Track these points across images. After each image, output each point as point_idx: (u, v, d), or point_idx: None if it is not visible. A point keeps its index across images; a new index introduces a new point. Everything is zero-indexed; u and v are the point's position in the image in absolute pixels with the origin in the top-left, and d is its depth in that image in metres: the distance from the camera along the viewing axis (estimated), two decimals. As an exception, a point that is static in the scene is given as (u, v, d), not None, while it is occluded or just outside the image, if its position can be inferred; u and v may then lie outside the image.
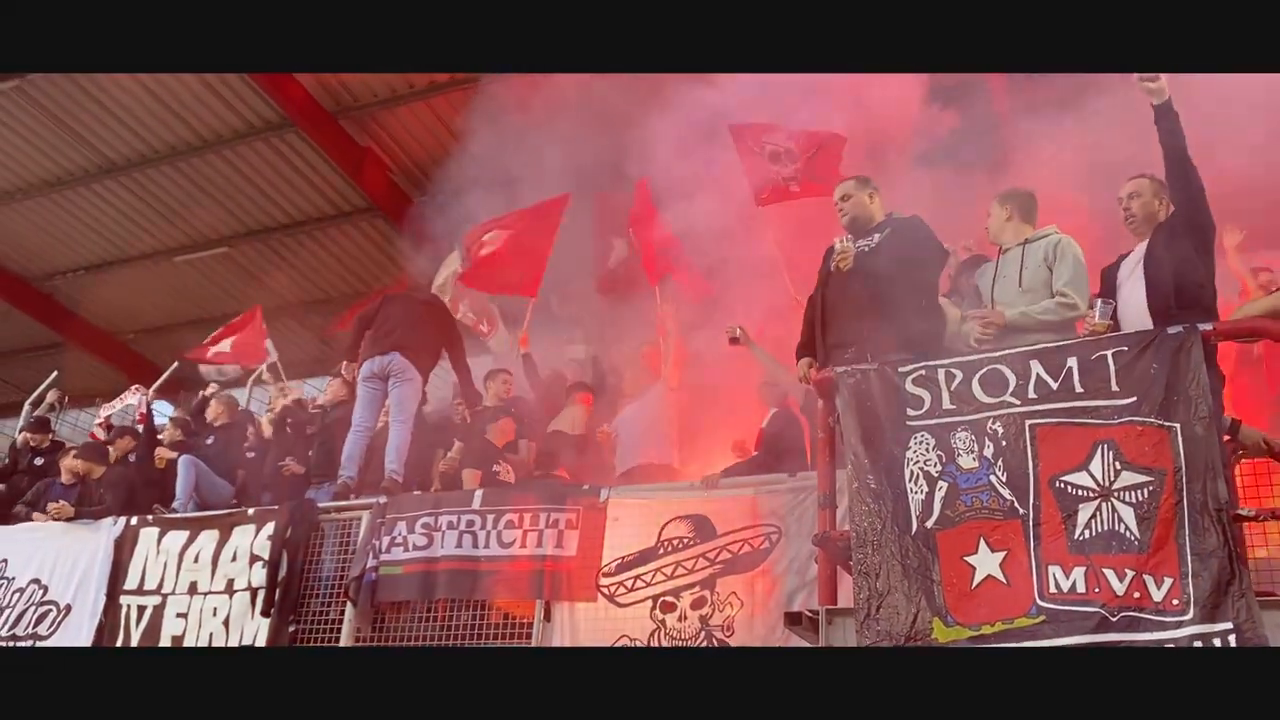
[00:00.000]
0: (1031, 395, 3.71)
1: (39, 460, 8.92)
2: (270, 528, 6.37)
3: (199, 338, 11.19)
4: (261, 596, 6.16)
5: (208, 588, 6.43)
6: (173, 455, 8.07)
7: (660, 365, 7.66)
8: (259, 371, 10.45)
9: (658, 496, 5.62)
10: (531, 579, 5.59)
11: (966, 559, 3.56)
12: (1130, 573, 3.33)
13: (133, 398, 11.55)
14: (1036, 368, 3.74)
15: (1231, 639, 3.15)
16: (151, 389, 10.90)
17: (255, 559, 6.32)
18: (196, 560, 6.55)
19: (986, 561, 3.54)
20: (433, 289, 8.69)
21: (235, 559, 6.42)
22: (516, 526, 5.72)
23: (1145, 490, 3.41)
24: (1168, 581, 3.29)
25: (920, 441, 3.80)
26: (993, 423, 3.71)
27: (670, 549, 5.34)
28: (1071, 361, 3.71)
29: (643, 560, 5.38)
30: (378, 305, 7.43)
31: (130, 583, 6.75)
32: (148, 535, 6.86)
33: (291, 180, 12.77)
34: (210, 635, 6.29)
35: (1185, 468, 3.39)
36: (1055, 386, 3.68)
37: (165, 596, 6.57)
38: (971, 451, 3.70)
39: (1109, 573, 3.35)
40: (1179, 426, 3.45)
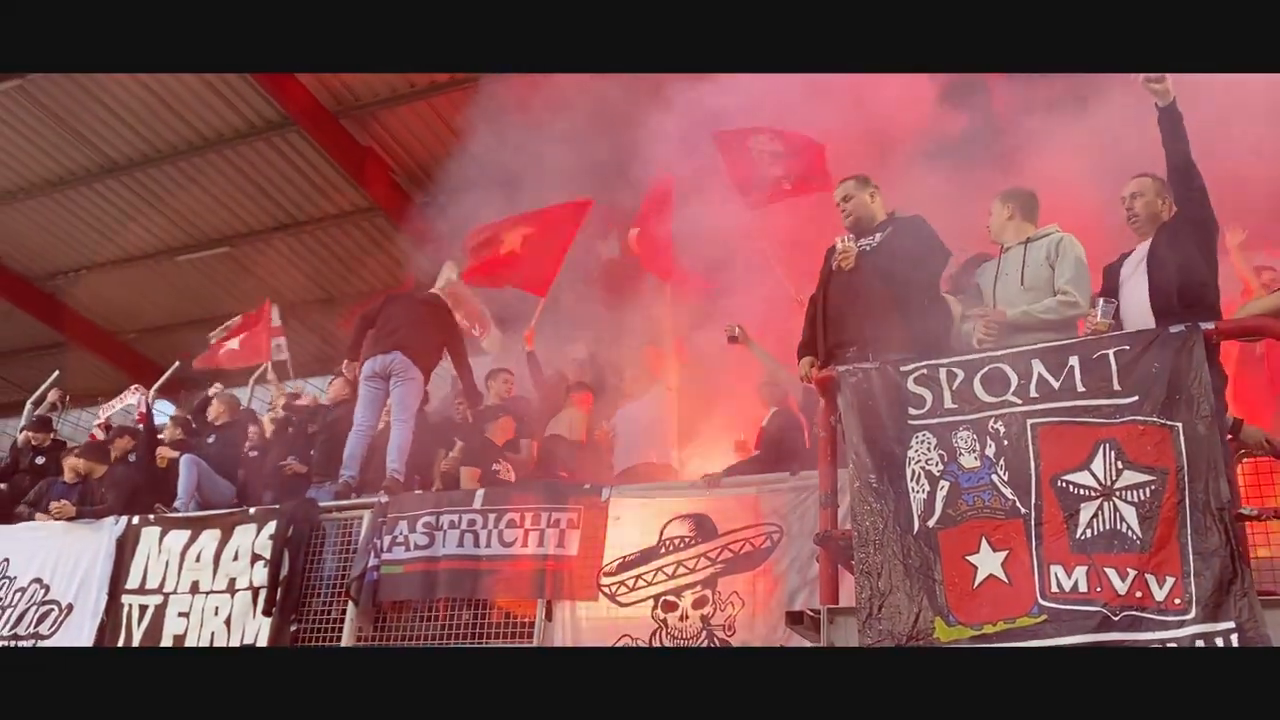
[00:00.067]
0: (1033, 394, 3.70)
1: (40, 459, 8.93)
2: (272, 527, 6.37)
3: (201, 337, 11.19)
4: (263, 596, 6.16)
5: (209, 587, 6.44)
6: (174, 454, 8.08)
7: (661, 365, 7.65)
8: (261, 370, 10.46)
9: (659, 496, 5.61)
10: (533, 578, 5.59)
11: (968, 558, 3.56)
12: (1132, 572, 3.32)
13: (132, 398, 11.55)
14: (1038, 367, 3.73)
15: (1234, 638, 3.14)
16: (153, 388, 10.92)
17: (257, 558, 6.33)
18: (198, 559, 6.56)
19: (988, 561, 3.53)
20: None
21: (237, 558, 6.42)
22: (518, 526, 5.72)
23: (1147, 489, 3.40)
24: (1170, 581, 3.28)
25: (922, 440, 3.79)
26: (994, 422, 3.70)
27: (672, 548, 5.34)
28: (1073, 360, 3.69)
29: (644, 559, 5.38)
30: (380, 304, 7.45)
31: (132, 582, 6.76)
32: (149, 534, 6.86)
33: (293, 180, 12.77)
34: (212, 634, 6.29)
35: (1187, 467, 3.37)
36: (1057, 385, 3.67)
37: (167, 596, 6.58)
38: (973, 451, 3.70)
39: (1111, 572, 3.34)
40: (1181, 426, 3.43)
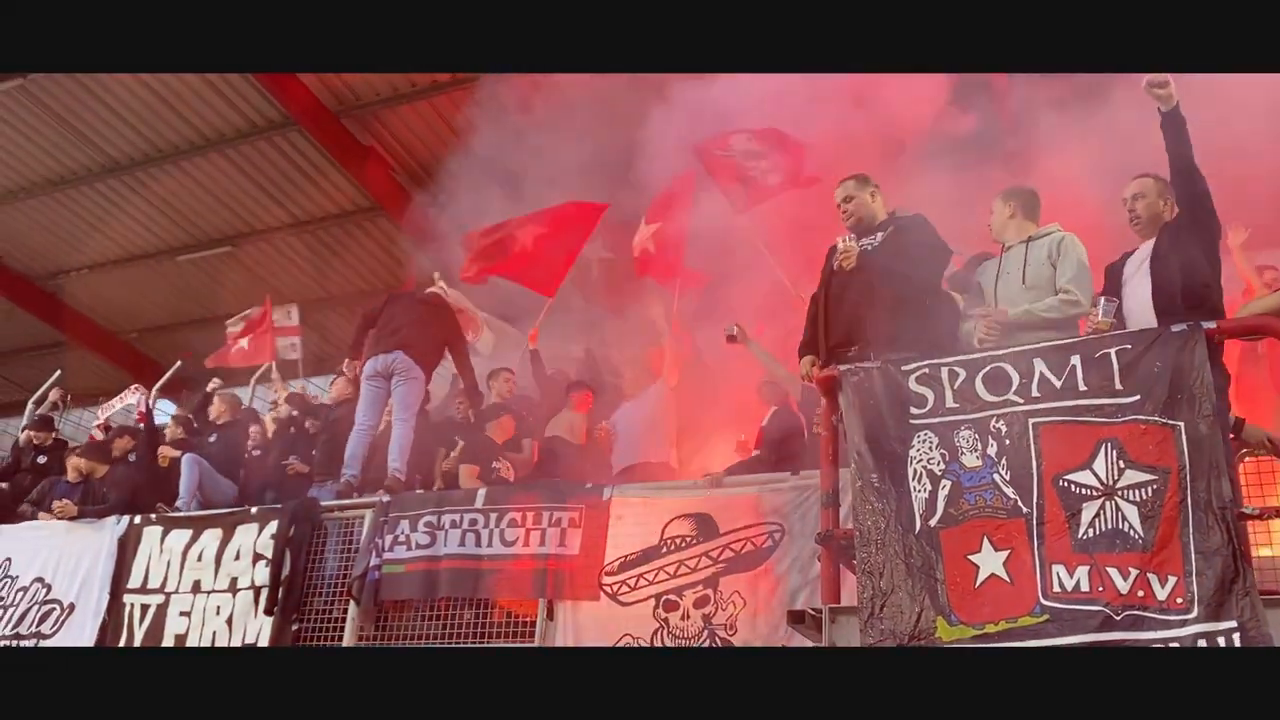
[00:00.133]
0: (1035, 393, 3.69)
1: (42, 459, 8.93)
2: (273, 526, 6.37)
3: (202, 337, 11.22)
4: (265, 595, 6.16)
5: (211, 586, 6.44)
6: (176, 454, 8.08)
7: (662, 364, 7.65)
8: (264, 369, 10.46)
9: (660, 495, 5.60)
10: (534, 578, 5.59)
11: (970, 558, 3.55)
12: (1134, 571, 3.31)
13: (132, 398, 11.54)
14: (1040, 366, 3.72)
15: (1236, 637, 3.14)
16: (154, 388, 10.92)
17: (258, 557, 6.33)
18: (200, 559, 6.56)
19: (990, 560, 3.53)
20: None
21: (238, 558, 6.43)
22: (519, 525, 5.72)
23: (1149, 489, 3.40)
24: (1172, 580, 3.27)
25: (924, 440, 3.79)
26: (996, 421, 3.70)
27: (673, 547, 5.33)
28: (1075, 359, 3.69)
29: (645, 559, 5.37)
30: (382, 304, 7.46)
31: (134, 581, 6.76)
32: (151, 534, 6.87)
33: (294, 179, 12.77)
34: (213, 634, 6.30)
35: (1189, 466, 3.37)
36: (1059, 385, 3.66)
37: (168, 595, 6.58)
38: (975, 450, 3.69)
39: (1113, 571, 3.34)
40: (1183, 425, 3.43)
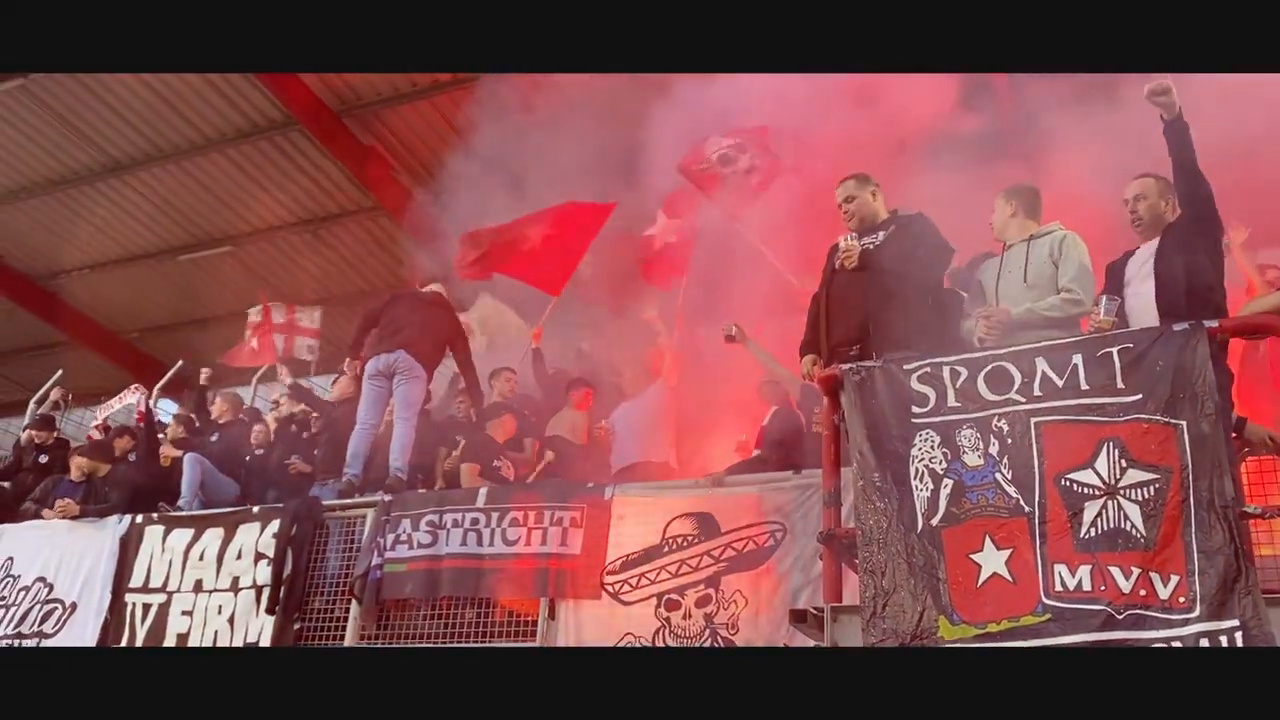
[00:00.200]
0: (1037, 392, 3.68)
1: (44, 458, 8.94)
2: (275, 525, 6.37)
3: (203, 337, 11.22)
4: (266, 594, 6.17)
5: (213, 585, 6.44)
6: (178, 453, 8.09)
7: (662, 364, 7.65)
8: (264, 369, 10.47)
9: (662, 494, 5.60)
10: (536, 577, 5.59)
11: (972, 557, 3.55)
12: (1136, 570, 3.31)
13: (131, 397, 11.55)
14: (1042, 365, 3.72)
15: (1238, 636, 3.13)
16: (155, 388, 10.93)
17: (260, 557, 6.33)
18: (201, 558, 6.56)
19: (992, 559, 3.52)
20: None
21: (240, 557, 6.43)
22: (521, 524, 5.72)
23: (1151, 488, 3.39)
24: (1174, 579, 3.27)
25: (925, 439, 3.79)
26: (998, 420, 3.69)
27: (675, 547, 5.33)
28: (1077, 358, 3.68)
29: (647, 558, 5.37)
30: (384, 303, 7.46)
31: (135, 581, 6.76)
32: (153, 533, 6.87)
33: (295, 179, 12.78)
34: (215, 633, 6.30)
35: (1191, 465, 3.37)
36: (1061, 384, 3.66)
37: (170, 594, 6.58)
38: (977, 449, 3.69)
39: (1115, 570, 3.33)
40: (1185, 424, 3.42)
